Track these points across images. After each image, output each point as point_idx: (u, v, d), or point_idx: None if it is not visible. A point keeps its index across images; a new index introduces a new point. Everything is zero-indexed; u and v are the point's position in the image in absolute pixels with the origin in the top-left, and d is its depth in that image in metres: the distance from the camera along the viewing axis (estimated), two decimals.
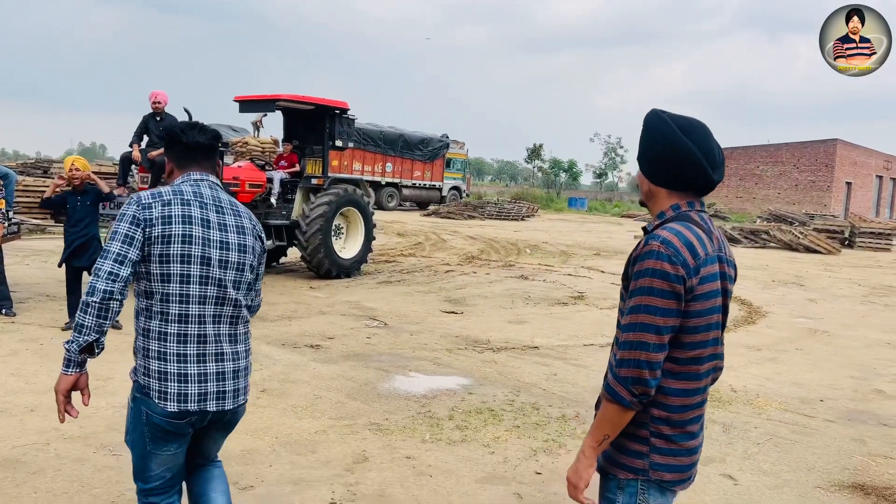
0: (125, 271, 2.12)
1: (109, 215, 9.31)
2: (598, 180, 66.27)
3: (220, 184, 2.39)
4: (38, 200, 15.72)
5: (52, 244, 12.95)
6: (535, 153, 58.77)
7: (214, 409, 2.27)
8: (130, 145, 8.89)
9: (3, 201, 7.20)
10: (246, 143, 16.20)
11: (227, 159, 13.74)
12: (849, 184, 41.68)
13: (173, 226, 2.18)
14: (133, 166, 8.96)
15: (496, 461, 4.02)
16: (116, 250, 2.13)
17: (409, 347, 6.59)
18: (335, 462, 3.89)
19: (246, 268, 2.34)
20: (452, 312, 8.42)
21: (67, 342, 2.14)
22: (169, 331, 2.20)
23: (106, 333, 2.15)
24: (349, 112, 11.01)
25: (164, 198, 2.22)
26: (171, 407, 2.20)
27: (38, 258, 11.07)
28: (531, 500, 3.55)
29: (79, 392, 2.21)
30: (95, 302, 2.09)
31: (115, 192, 8.70)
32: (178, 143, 2.36)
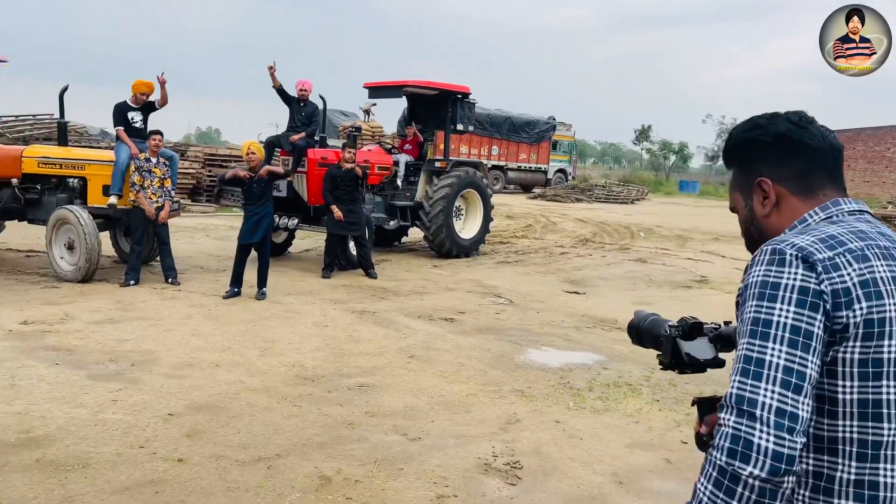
0: (806, 407, 1.09)
1: None
2: (710, 163, 63.60)
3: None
4: (184, 182, 17.10)
5: (193, 221, 14.10)
6: (643, 134, 57.10)
7: None
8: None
9: (169, 180, 8.02)
10: (358, 126, 16.94)
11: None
12: None
13: (886, 300, 1.16)
14: (276, 150, 9.63)
15: (641, 430, 4.21)
16: (783, 362, 1.10)
17: (536, 324, 6.84)
18: (489, 421, 4.21)
19: None
20: (575, 293, 8.59)
21: None
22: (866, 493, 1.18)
23: None
24: (470, 96, 11.31)
25: (850, 245, 1.19)
26: None
27: (183, 234, 12.10)
28: (682, 466, 3.73)
29: None
30: (757, 478, 1.07)
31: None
32: (796, 148, 1.31)
